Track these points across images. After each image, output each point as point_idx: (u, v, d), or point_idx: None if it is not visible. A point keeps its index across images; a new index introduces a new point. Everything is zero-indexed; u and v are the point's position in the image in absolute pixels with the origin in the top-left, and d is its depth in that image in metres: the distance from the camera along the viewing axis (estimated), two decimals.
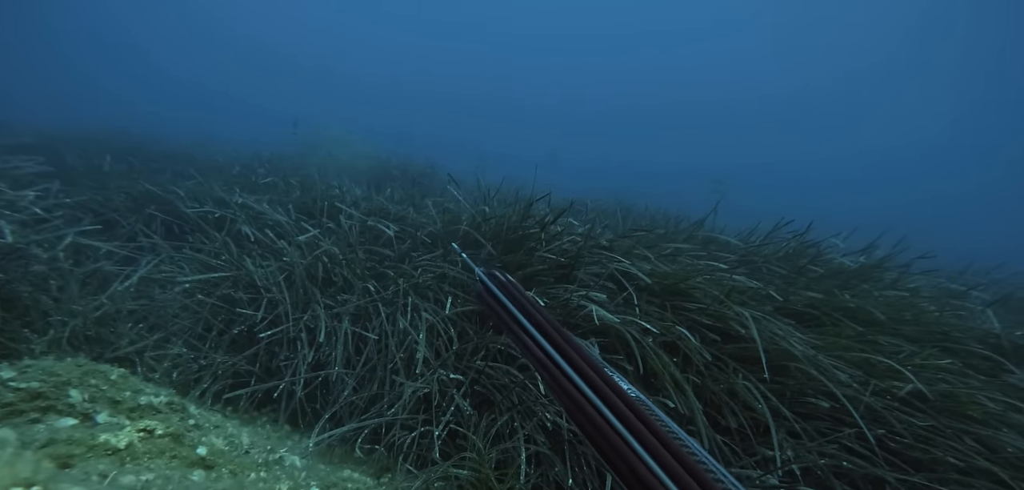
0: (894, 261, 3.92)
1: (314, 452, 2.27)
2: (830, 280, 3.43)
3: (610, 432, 0.82)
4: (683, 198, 6.28)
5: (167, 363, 2.58)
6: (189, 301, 2.95)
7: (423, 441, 2.25)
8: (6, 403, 1.46)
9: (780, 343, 2.58)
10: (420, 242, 3.39)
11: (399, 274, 2.97)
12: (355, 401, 2.46)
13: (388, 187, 5.27)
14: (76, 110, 9.48)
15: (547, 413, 2.28)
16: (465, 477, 2.08)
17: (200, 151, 7.03)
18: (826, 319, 2.91)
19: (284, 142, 7.80)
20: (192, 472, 1.31)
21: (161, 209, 4.27)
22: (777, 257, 3.75)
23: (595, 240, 3.19)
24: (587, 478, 2.17)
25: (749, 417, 2.35)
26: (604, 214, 4.95)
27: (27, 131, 5.27)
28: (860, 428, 2.26)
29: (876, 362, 2.59)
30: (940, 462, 2.27)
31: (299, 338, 2.68)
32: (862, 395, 2.40)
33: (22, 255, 2.82)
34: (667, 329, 2.54)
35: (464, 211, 3.79)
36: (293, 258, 3.15)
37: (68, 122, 7.81)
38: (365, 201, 4.38)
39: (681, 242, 3.75)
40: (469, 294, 2.84)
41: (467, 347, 2.57)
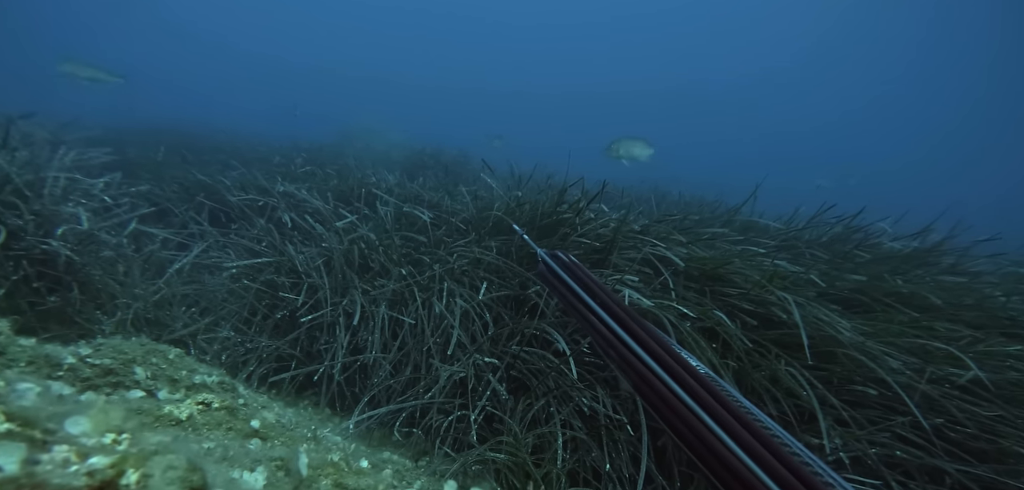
0: (951, 245, 3.73)
1: (354, 433, 2.37)
2: (879, 265, 3.28)
3: (680, 406, 0.83)
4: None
5: (217, 346, 2.73)
6: (235, 286, 3.11)
7: (459, 425, 2.31)
8: (84, 377, 1.61)
9: (825, 329, 2.51)
10: (454, 228, 3.46)
11: (434, 259, 3.04)
12: (392, 385, 2.54)
13: (421, 175, 5.37)
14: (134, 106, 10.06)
15: (583, 398, 2.30)
16: (502, 461, 2.13)
17: (244, 143, 7.33)
18: (876, 305, 2.81)
19: (322, 134, 8.07)
20: (248, 442, 1.41)
21: (209, 197, 4.49)
22: (820, 242, 3.63)
23: (629, 225, 3.17)
24: (624, 464, 2.19)
25: (793, 404, 2.31)
26: (638, 200, 4.90)
27: (95, 125, 5.63)
28: (915, 416, 2.19)
29: (933, 349, 2.50)
30: (1008, 453, 2.18)
31: (338, 322, 2.78)
32: (917, 382, 2.32)
33: (94, 240, 3.04)
34: (704, 314, 2.51)
35: (497, 197, 3.84)
36: (332, 244, 3.27)
37: (126, 117, 8.29)
38: (400, 188, 4.48)
39: (719, 227, 3.68)
40: (515, 274, 2.89)
41: (502, 332, 2.61)
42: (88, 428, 0.81)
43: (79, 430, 0.80)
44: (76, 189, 3.35)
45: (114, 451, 0.76)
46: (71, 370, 1.64)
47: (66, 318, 2.59)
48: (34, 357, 1.62)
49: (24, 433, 0.71)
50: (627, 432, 2.21)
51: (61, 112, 5.22)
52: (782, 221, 4.03)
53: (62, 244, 2.70)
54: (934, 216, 3.90)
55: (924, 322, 2.63)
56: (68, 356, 1.70)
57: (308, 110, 11.05)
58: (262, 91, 23.27)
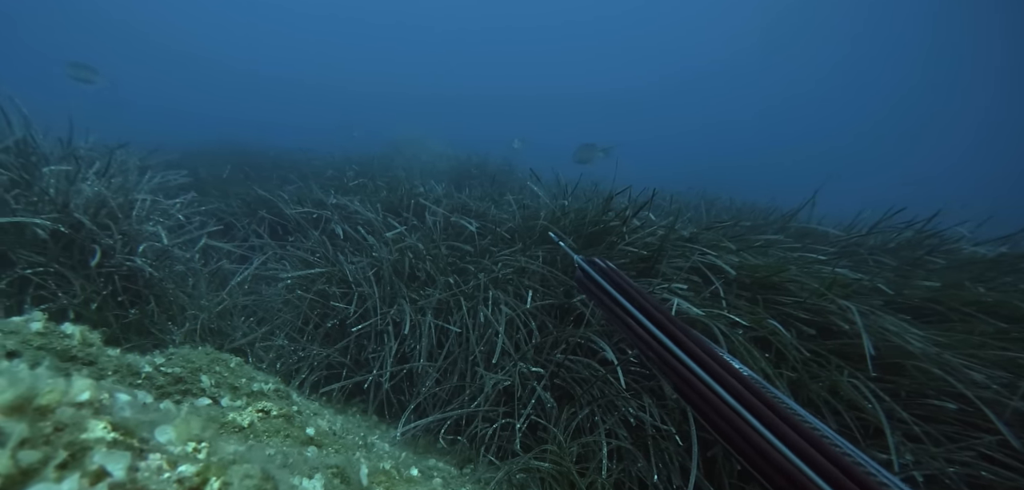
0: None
1: (401, 441, 2.42)
2: (957, 272, 3.04)
3: (723, 406, 0.83)
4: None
5: (272, 354, 2.86)
6: (290, 296, 3.25)
7: (503, 433, 2.32)
8: (158, 385, 1.73)
9: (892, 339, 2.35)
10: (500, 237, 3.48)
11: (479, 268, 3.07)
12: (438, 393, 2.58)
13: (467, 186, 5.45)
14: (207, 127, 10.83)
15: (629, 408, 2.26)
16: (546, 470, 2.12)
17: (301, 158, 7.68)
18: (953, 315, 2.61)
19: (371, 147, 8.36)
20: (305, 449, 1.46)
21: (269, 211, 4.73)
22: (886, 248, 3.40)
23: (677, 233, 3.09)
24: (672, 474, 2.13)
25: (855, 417, 2.18)
26: (686, 206, 4.78)
27: (173, 148, 6.07)
28: (1003, 435, 2.02)
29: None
30: None
31: (386, 331, 2.86)
32: (1007, 398, 2.14)
33: (170, 256, 3.26)
34: (757, 322, 2.41)
35: (543, 206, 3.83)
36: (381, 254, 3.37)
37: (200, 139, 8.91)
38: (447, 198, 4.56)
39: (772, 234, 3.52)
40: (560, 282, 2.88)
41: (547, 340, 2.60)
42: (173, 437, 0.88)
43: (166, 438, 0.87)
44: (156, 209, 3.60)
45: (197, 459, 0.82)
46: (148, 378, 1.76)
47: (143, 329, 2.78)
48: (119, 366, 1.74)
49: (126, 442, 0.77)
50: (675, 442, 2.15)
51: (146, 140, 5.64)
52: (842, 227, 3.81)
53: (144, 260, 2.92)
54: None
55: (1014, 334, 2.41)
56: (145, 365, 1.83)
57: (358, 126, 11.52)
58: (318, 111, 24.52)
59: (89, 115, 4.13)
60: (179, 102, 23.66)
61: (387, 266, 3.22)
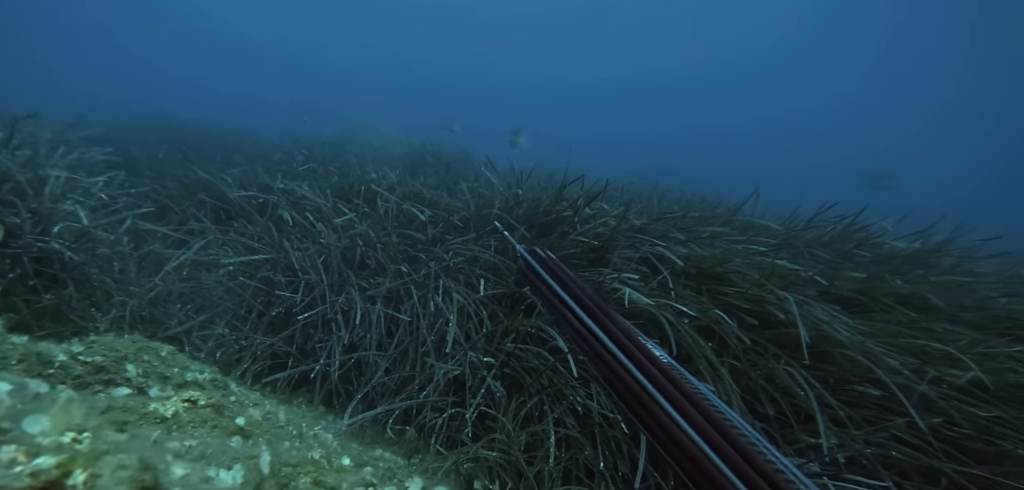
0: (953, 246, 3.71)
1: (347, 432, 2.37)
2: (879, 265, 3.26)
3: (642, 393, 0.86)
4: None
5: (211, 343, 2.74)
6: (232, 283, 3.12)
7: (453, 423, 2.31)
8: (76, 375, 1.62)
9: (824, 328, 2.49)
10: (453, 226, 3.46)
11: (431, 257, 3.04)
12: (387, 382, 2.55)
13: (422, 173, 5.38)
14: (136, 102, 10.14)
15: (577, 396, 2.29)
16: (494, 459, 2.13)
17: (246, 140, 7.36)
18: (875, 305, 2.79)
19: (324, 130, 8.10)
20: (231, 439, 1.41)
21: (210, 195, 4.51)
22: (821, 241, 3.61)
23: (628, 223, 3.16)
24: (618, 462, 2.18)
25: (789, 404, 2.30)
26: (639, 198, 4.90)
27: (98, 123, 5.67)
28: (911, 417, 2.17)
29: (932, 349, 2.48)
30: (1007, 455, 2.16)
31: (334, 320, 2.79)
32: (915, 383, 2.30)
33: (91, 238, 3.05)
34: (703, 312, 2.50)
35: (497, 194, 3.83)
36: (330, 241, 3.28)
37: (129, 113, 8.36)
38: (400, 186, 4.49)
39: (719, 225, 3.66)
40: (512, 271, 2.89)
41: (498, 329, 2.61)
42: (47, 427, 0.81)
43: (37, 429, 0.80)
44: (76, 187, 3.36)
45: (71, 450, 0.76)
46: (62, 367, 1.65)
47: (61, 315, 2.60)
48: (25, 355, 1.62)
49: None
50: (621, 430, 2.20)
51: (66, 112, 5.25)
52: (782, 221, 4.01)
53: (59, 242, 2.72)
54: (936, 216, 3.89)
55: (923, 323, 2.60)
56: (60, 353, 1.71)
57: (310, 109, 11.10)
58: (268, 84, 23.27)
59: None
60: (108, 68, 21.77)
61: (336, 253, 3.14)
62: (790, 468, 0.69)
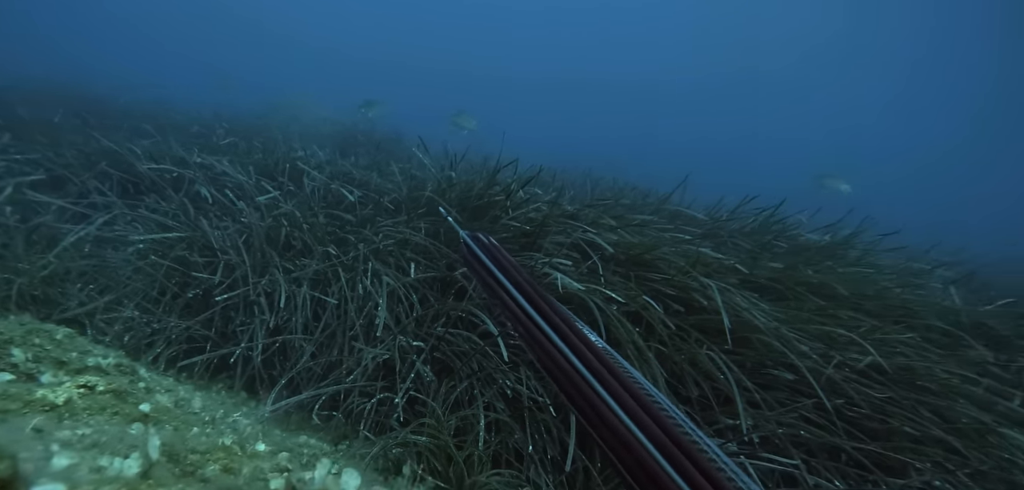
0: (859, 239, 4.09)
1: (270, 418, 2.31)
2: (794, 256, 3.54)
3: (576, 376, 0.91)
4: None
5: (118, 326, 2.59)
6: (143, 263, 2.95)
7: (382, 408, 2.31)
8: None
9: (743, 315, 2.67)
10: (383, 208, 3.42)
11: (360, 239, 3.00)
12: (313, 367, 2.50)
13: (353, 153, 5.27)
14: (27, 62, 9.20)
15: (507, 380, 2.35)
16: (423, 444, 2.15)
17: (158, 109, 6.90)
18: (789, 293, 3.02)
19: (246, 103, 7.70)
20: (131, 427, 1.35)
21: (116, 166, 4.21)
22: (743, 232, 3.88)
23: (561, 208, 3.24)
24: (547, 445, 2.25)
25: (710, 386, 2.46)
26: (572, 185, 5.03)
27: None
28: (819, 398, 2.38)
29: (837, 335, 2.71)
30: (896, 432, 2.40)
31: (257, 302, 2.70)
32: (823, 367, 2.52)
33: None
34: (631, 298, 2.61)
35: (430, 177, 3.82)
36: (252, 220, 3.16)
37: (18, 74, 7.60)
38: (329, 165, 4.37)
39: (648, 214, 3.84)
40: (443, 255, 2.89)
41: (428, 313, 2.62)
42: None
43: None
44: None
45: None
46: None
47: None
48: None
49: None
50: (550, 414, 2.27)
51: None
52: (708, 211, 4.25)
53: None
54: (844, 213, 4.26)
55: (830, 310, 2.85)
56: None
57: (235, 79, 10.46)
58: (185, 50, 21.59)
59: None
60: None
61: (259, 233, 3.04)
62: (713, 449, 0.75)
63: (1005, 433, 2.36)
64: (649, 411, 0.81)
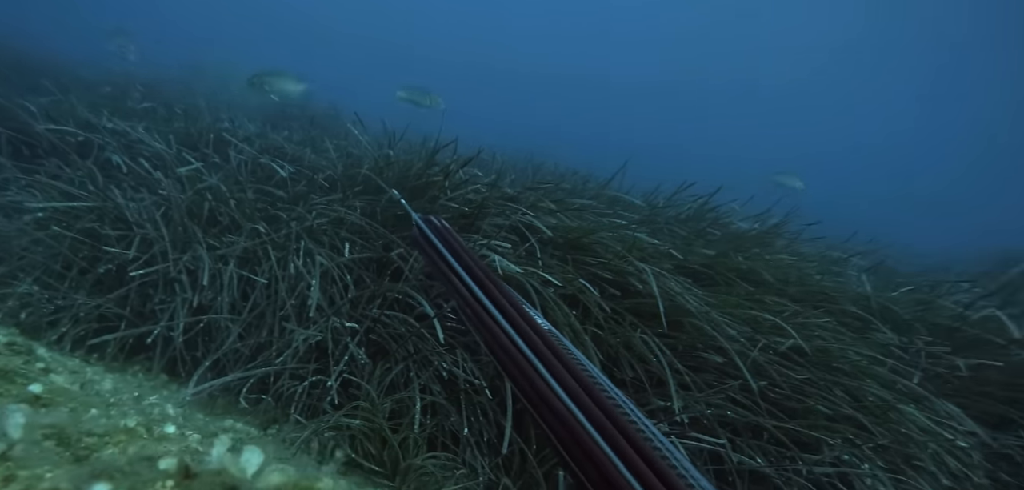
0: (786, 229, 4.40)
1: (193, 401, 2.24)
2: (726, 243, 3.75)
3: (520, 358, 0.94)
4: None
5: (12, 302, 2.41)
6: (42, 233, 2.75)
7: (314, 391, 2.29)
8: None
9: (677, 299, 2.81)
10: (318, 185, 3.34)
11: (292, 217, 2.92)
12: (241, 349, 2.43)
13: (286, 127, 5.09)
14: None
15: (443, 362, 2.38)
16: (357, 427, 2.15)
17: (58, 63, 6.36)
18: (720, 279, 3.21)
19: (166, 66, 7.20)
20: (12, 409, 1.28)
21: (6, 125, 3.87)
22: (679, 219, 4.07)
23: (500, 191, 3.28)
24: (483, 427, 2.30)
25: (644, 369, 2.58)
26: (513, 168, 5.08)
27: None
28: (745, 380, 2.55)
29: (763, 320, 2.91)
30: (812, 410, 2.61)
31: (178, 280, 2.59)
32: (749, 350, 2.69)
33: None
34: (568, 281, 2.69)
35: (367, 155, 3.76)
36: (171, 192, 3.00)
37: None
38: (259, 138, 4.21)
39: (587, 199, 3.95)
40: (379, 236, 2.86)
41: (363, 294, 2.60)
42: None
43: None
44: None
45: None
46: None
47: None
48: None
49: None
50: (486, 396, 2.32)
51: None
52: (646, 198, 4.43)
53: None
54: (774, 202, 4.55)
55: (757, 296, 3.05)
56: None
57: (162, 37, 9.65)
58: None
59: None
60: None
61: (180, 206, 2.89)
62: (650, 428, 0.79)
63: (903, 409, 2.61)
64: (590, 392, 0.84)
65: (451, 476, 2.16)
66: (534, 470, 2.26)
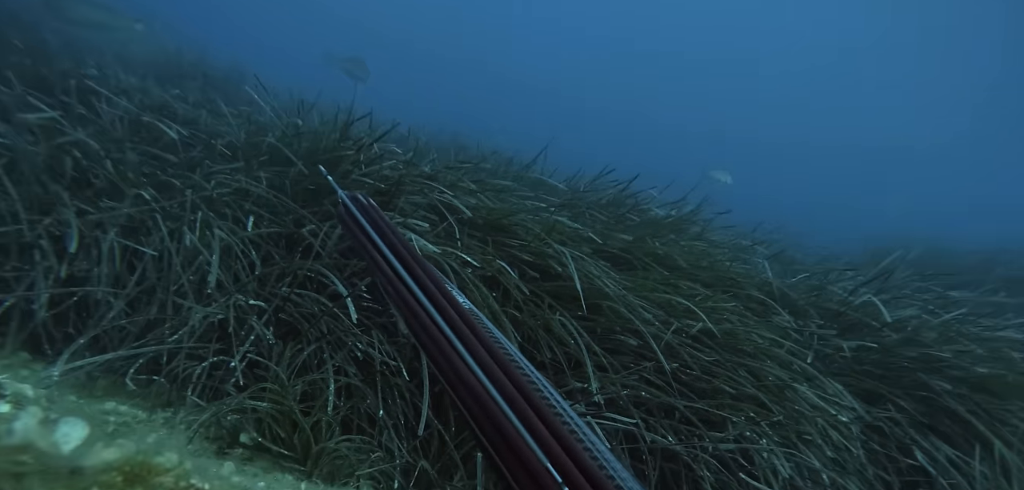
0: (700, 216, 4.81)
1: (65, 382, 2.09)
2: (644, 229, 4.04)
3: (441, 339, 1.00)
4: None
5: None
6: None
7: (217, 372, 2.22)
8: None
9: (595, 282, 3.01)
10: (217, 152, 3.20)
11: (188, 184, 2.78)
12: (128, 326, 2.31)
13: (180, 86, 4.74)
14: None
15: (358, 343, 2.40)
16: (265, 409, 2.12)
17: None
18: (637, 263, 3.46)
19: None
20: None
21: None
22: (600, 204, 4.32)
23: (417, 169, 3.33)
24: (401, 410, 2.36)
25: (563, 351, 2.74)
26: (436, 147, 5.11)
27: None
28: (659, 362, 2.78)
29: (677, 303, 3.18)
30: (719, 391, 2.89)
31: (38, 246, 2.39)
32: (663, 333, 2.94)
33: None
34: (487, 263, 2.80)
35: (273, 124, 3.64)
36: (17, 142, 2.74)
37: None
38: (141, 93, 3.91)
39: (509, 180, 4.09)
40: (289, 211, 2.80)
41: (272, 272, 2.55)
42: None
43: None
44: None
45: None
46: None
47: None
48: None
49: None
50: (404, 378, 2.38)
51: None
52: (567, 182, 4.64)
53: None
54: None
55: (672, 280, 3.32)
56: None
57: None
58: None
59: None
60: None
61: (33, 161, 2.66)
62: (568, 411, 0.87)
63: (797, 388, 2.98)
64: (507, 371, 0.89)
65: (366, 459, 2.20)
66: (453, 453, 2.35)
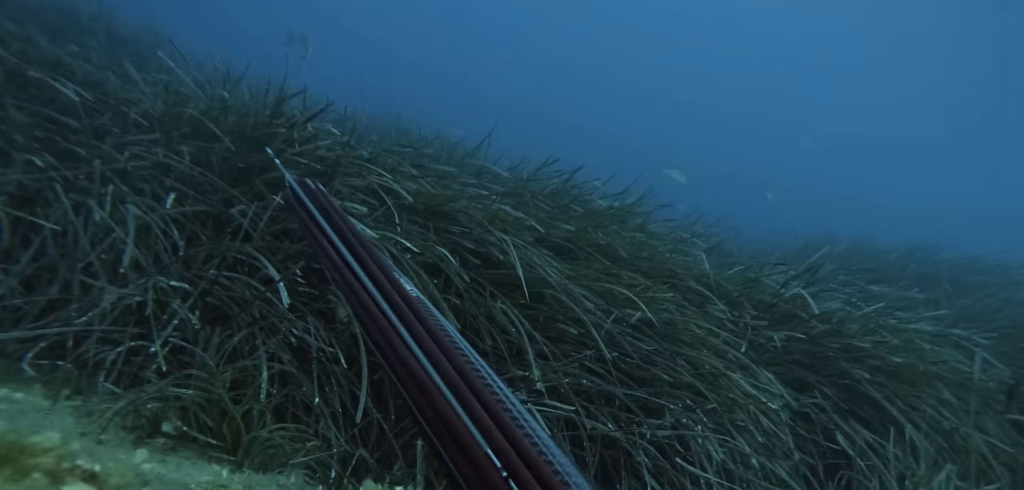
0: (641, 207, 5.07)
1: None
2: (587, 220, 4.23)
3: (386, 325, 1.08)
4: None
5: None
6: None
7: (135, 358, 2.18)
8: None
9: (537, 271, 3.13)
10: (130, 121, 3.09)
11: (96, 155, 2.69)
12: (23, 307, 2.21)
13: (79, 43, 4.46)
14: None
15: (293, 329, 2.41)
16: (190, 397, 2.09)
17: None
18: (580, 253, 3.63)
19: None
20: None
21: None
22: (544, 193, 4.47)
23: (355, 151, 3.34)
24: (339, 397, 2.38)
25: (504, 339, 2.85)
26: (378, 129, 5.11)
27: None
28: (599, 350, 2.94)
29: (618, 293, 3.36)
30: (657, 379, 3.08)
31: None
32: (603, 322, 3.10)
33: None
34: (428, 249, 2.87)
35: (197, 94, 3.54)
36: None
37: None
38: (24, 42, 3.67)
39: (452, 166, 4.16)
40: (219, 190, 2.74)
41: (198, 253, 2.51)
42: None
43: None
44: None
45: None
46: None
47: None
48: None
49: None
50: (341, 365, 2.41)
51: None
52: (511, 170, 4.77)
53: None
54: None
55: (614, 270, 3.50)
56: None
57: None
58: None
59: None
60: None
61: None
62: (510, 398, 0.95)
63: (732, 376, 3.22)
64: (449, 356, 0.98)
65: (301, 448, 2.21)
66: (392, 442, 2.40)
